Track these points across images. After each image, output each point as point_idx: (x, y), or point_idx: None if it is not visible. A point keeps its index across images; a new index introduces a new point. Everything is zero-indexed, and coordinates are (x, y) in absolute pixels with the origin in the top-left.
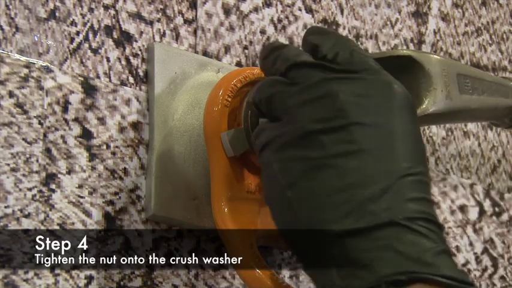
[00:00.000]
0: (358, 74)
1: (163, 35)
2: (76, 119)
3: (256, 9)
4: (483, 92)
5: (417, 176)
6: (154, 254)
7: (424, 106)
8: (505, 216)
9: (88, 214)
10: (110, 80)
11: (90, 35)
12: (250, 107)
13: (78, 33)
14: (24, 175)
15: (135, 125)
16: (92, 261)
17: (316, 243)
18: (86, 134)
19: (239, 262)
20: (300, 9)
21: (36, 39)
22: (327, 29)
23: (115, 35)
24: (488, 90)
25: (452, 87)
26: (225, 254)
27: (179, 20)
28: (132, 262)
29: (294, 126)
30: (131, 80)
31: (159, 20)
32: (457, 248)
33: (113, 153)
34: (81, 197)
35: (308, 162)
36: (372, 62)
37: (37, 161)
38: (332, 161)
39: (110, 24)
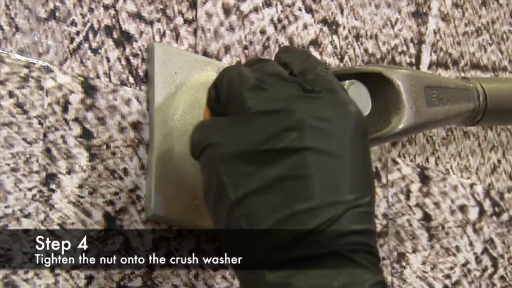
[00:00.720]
0: (318, 93)
1: (163, 35)
2: (76, 119)
3: (256, 9)
4: (448, 100)
5: (363, 207)
6: (154, 254)
7: (393, 124)
8: (505, 216)
9: (88, 214)
10: (110, 80)
11: (90, 35)
12: (209, 90)
13: (78, 33)
14: (24, 175)
15: (135, 125)
16: (92, 261)
17: (260, 266)
18: (86, 134)
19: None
20: (300, 9)
21: (36, 39)
22: (297, 48)
23: (115, 35)
24: (453, 98)
25: (421, 102)
26: (225, 253)
27: (179, 20)
28: (132, 262)
29: (251, 137)
30: (131, 80)
31: (159, 20)
32: (457, 248)
33: (113, 153)
34: (81, 197)
35: (261, 180)
36: (334, 81)
37: (37, 161)
38: (285, 184)
39: (110, 24)
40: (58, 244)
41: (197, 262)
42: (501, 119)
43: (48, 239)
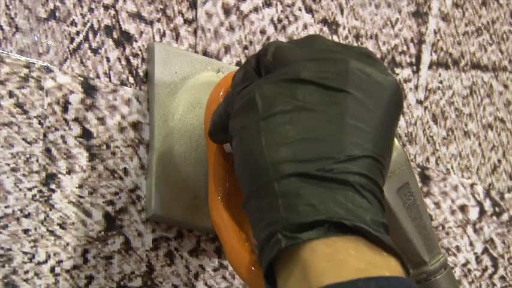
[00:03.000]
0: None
1: (163, 35)
2: (76, 119)
3: (256, 9)
4: (413, 220)
5: (379, 164)
6: (154, 254)
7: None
8: (505, 216)
9: (88, 214)
10: (110, 80)
11: (90, 35)
12: (247, 62)
13: (78, 33)
14: (24, 175)
15: (135, 125)
16: (92, 261)
17: (269, 175)
18: (86, 134)
19: (233, 253)
20: (300, 9)
21: (36, 39)
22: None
23: (115, 35)
24: (419, 226)
25: (393, 182)
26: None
27: (179, 20)
28: (132, 262)
29: (293, 71)
30: (131, 80)
31: (159, 20)
32: (457, 248)
33: (113, 153)
34: (81, 197)
35: (295, 104)
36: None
37: (37, 161)
38: (315, 114)
39: (110, 24)
40: (58, 244)
41: (197, 262)
42: None
43: (48, 239)
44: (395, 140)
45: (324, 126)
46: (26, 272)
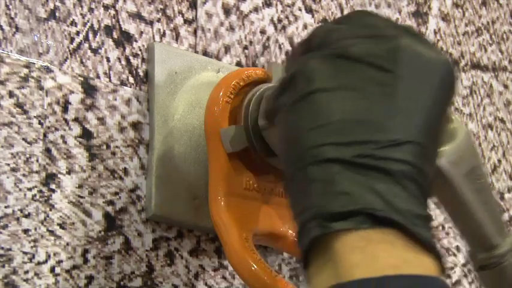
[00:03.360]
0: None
1: (163, 35)
2: (76, 119)
3: (256, 9)
4: (483, 204)
5: (425, 149)
6: (154, 254)
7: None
8: (505, 216)
9: (88, 214)
10: (110, 80)
11: (90, 35)
12: (298, 47)
13: (78, 33)
14: (24, 175)
15: (135, 125)
16: (92, 261)
17: (304, 159)
18: (86, 134)
19: (232, 253)
20: (300, 9)
21: (36, 39)
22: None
23: (115, 35)
24: (489, 210)
25: (462, 167)
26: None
27: (179, 20)
28: (132, 262)
29: (341, 47)
30: (131, 80)
31: (159, 20)
32: (457, 248)
33: (113, 153)
34: (81, 197)
35: (336, 78)
36: None
37: (37, 161)
38: (362, 94)
39: (110, 24)
40: (58, 244)
41: (197, 262)
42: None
43: (48, 239)
44: (459, 121)
45: (368, 107)
46: (26, 272)
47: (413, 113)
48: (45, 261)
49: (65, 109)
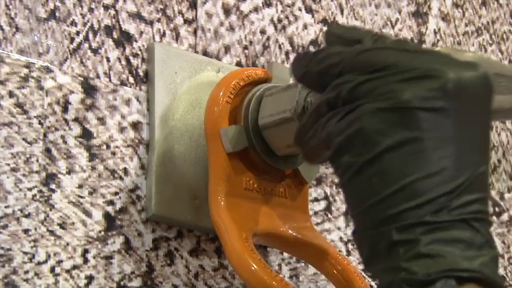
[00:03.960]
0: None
1: (163, 35)
2: (76, 119)
3: (256, 9)
4: None
5: (485, 174)
6: (154, 254)
7: None
8: (505, 216)
9: (88, 214)
10: (110, 80)
11: (90, 35)
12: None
13: (78, 33)
14: (24, 175)
15: (135, 125)
16: (92, 261)
17: (389, 224)
18: (86, 134)
19: (233, 253)
20: (300, 9)
21: (36, 39)
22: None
23: (115, 35)
24: None
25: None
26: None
27: (179, 20)
28: (132, 262)
29: (392, 95)
30: (131, 80)
31: (159, 20)
32: None
33: (113, 153)
34: (81, 197)
35: (398, 138)
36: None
37: (37, 161)
38: (426, 138)
39: (110, 24)
40: (58, 244)
41: (197, 262)
42: None
43: (48, 239)
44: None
45: (435, 157)
46: (26, 272)
47: (473, 145)
48: (45, 261)
49: (65, 109)
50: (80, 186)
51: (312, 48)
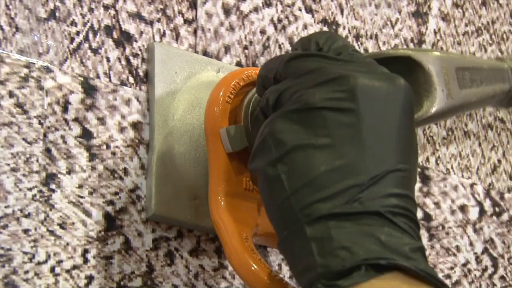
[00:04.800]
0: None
1: (163, 35)
2: (76, 119)
3: (256, 9)
4: (481, 82)
5: (404, 172)
6: (154, 254)
7: (425, 108)
8: (505, 216)
9: (88, 214)
10: (110, 80)
11: (90, 35)
12: (260, 78)
13: (78, 33)
14: (24, 175)
15: (135, 125)
16: (92, 261)
17: (299, 220)
18: (86, 134)
19: (233, 253)
20: (300, 9)
21: (36, 39)
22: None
23: (115, 35)
24: (486, 79)
25: (453, 84)
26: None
27: (179, 20)
28: (132, 262)
29: (301, 99)
30: (131, 80)
31: (159, 20)
32: (457, 248)
33: (113, 153)
34: (81, 197)
35: (305, 136)
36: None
37: (37, 161)
38: (334, 135)
39: (110, 24)
40: (58, 244)
41: (197, 262)
42: None
43: (48, 239)
44: (423, 61)
45: (342, 152)
46: (26, 272)
47: (383, 144)
48: (45, 261)
49: (65, 109)
50: (80, 186)
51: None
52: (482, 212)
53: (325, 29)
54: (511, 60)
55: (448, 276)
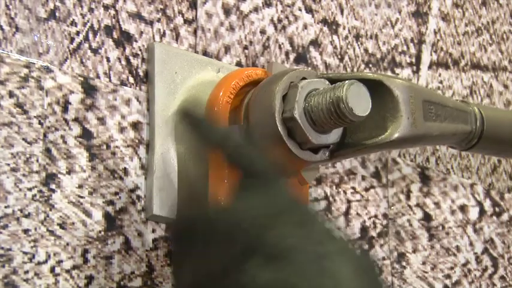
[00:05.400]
0: None
1: (163, 35)
2: (76, 119)
3: (256, 9)
4: (445, 118)
5: None
6: (154, 254)
7: (389, 132)
8: (505, 216)
9: (88, 214)
10: (110, 80)
11: (90, 35)
12: None
13: (78, 33)
14: (24, 175)
15: (135, 125)
16: (92, 261)
17: None
18: (86, 134)
19: None
20: (300, 9)
21: (36, 39)
22: None
23: (115, 35)
24: (450, 117)
25: (418, 114)
26: None
27: (179, 20)
28: (132, 262)
29: None
30: (131, 80)
31: (159, 20)
32: (457, 248)
33: (113, 153)
34: (81, 197)
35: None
36: None
37: (37, 161)
38: None
39: (110, 24)
40: (58, 244)
41: None
42: (496, 147)
43: (48, 239)
44: (391, 85)
45: None
46: (26, 272)
47: None
48: (45, 261)
49: (65, 109)
50: (80, 186)
51: (312, 49)
52: (482, 212)
53: (325, 29)
54: (477, 107)
55: (448, 276)
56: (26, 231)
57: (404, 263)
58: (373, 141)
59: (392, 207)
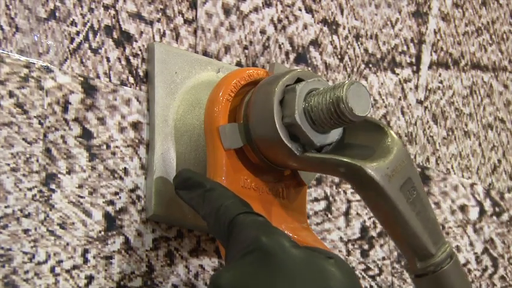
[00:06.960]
0: None
1: (163, 35)
2: (76, 119)
3: (256, 9)
4: (418, 214)
5: None
6: (154, 254)
7: (368, 164)
8: (505, 216)
9: (88, 214)
10: (110, 80)
11: (90, 35)
12: None
13: (78, 33)
14: (24, 175)
15: (135, 125)
16: (92, 261)
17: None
18: (86, 134)
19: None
20: (300, 9)
21: (36, 39)
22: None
23: (115, 35)
24: (424, 220)
25: (394, 179)
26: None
27: (179, 20)
28: (132, 262)
29: None
30: (131, 80)
31: (159, 20)
32: (457, 248)
33: (113, 153)
34: (81, 197)
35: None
36: None
37: (37, 161)
38: None
39: (110, 24)
40: (58, 244)
41: (197, 262)
42: None
43: (48, 239)
44: (395, 135)
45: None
46: (26, 272)
47: None
48: (45, 261)
49: (65, 109)
50: (80, 186)
51: (312, 49)
52: (482, 212)
53: (325, 28)
54: (449, 245)
55: None
56: (26, 231)
57: (404, 263)
58: (345, 160)
59: None
